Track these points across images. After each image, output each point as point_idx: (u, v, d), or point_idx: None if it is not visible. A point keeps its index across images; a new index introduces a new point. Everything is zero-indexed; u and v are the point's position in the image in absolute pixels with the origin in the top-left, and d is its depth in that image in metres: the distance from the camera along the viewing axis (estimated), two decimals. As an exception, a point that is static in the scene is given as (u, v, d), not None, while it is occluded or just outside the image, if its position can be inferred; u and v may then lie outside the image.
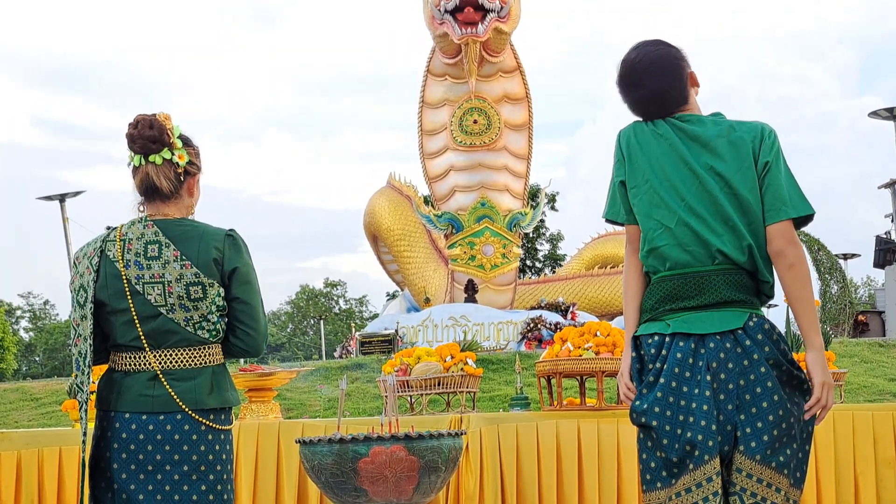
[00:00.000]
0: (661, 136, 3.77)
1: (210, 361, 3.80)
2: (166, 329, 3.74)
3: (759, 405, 3.56)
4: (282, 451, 6.54)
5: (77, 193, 33.10)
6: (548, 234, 53.18)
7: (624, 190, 3.82)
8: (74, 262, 3.90)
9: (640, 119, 3.88)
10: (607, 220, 3.98)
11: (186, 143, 3.89)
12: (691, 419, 3.57)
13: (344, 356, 23.78)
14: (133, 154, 3.82)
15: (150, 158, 3.79)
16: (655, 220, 3.71)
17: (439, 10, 23.55)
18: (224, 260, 3.78)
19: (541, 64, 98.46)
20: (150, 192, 3.84)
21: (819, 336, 3.68)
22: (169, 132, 3.80)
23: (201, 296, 3.73)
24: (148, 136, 3.78)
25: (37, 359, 65.75)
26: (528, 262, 49.88)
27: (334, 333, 62.30)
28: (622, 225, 3.90)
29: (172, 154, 3.81)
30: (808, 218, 3.71)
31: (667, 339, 3.67)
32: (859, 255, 40.50)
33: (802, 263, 3.68)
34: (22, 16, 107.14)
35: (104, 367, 3.93)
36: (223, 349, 3.88)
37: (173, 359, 3.75)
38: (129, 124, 3.82)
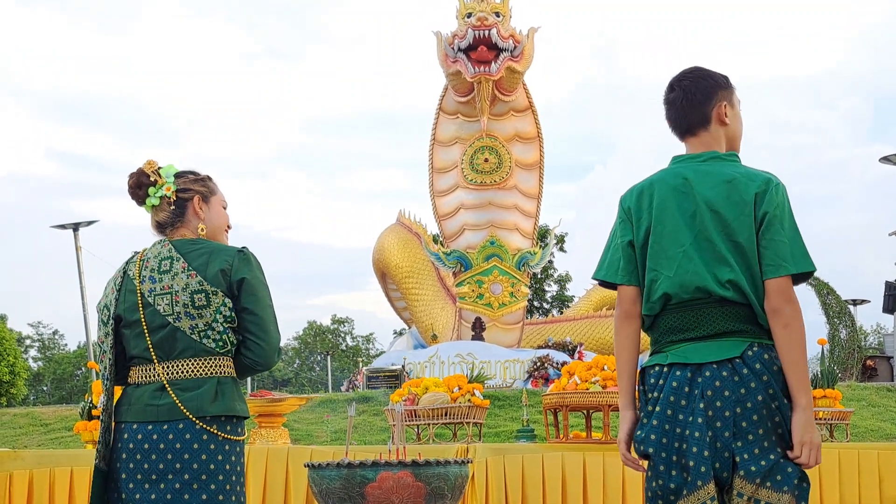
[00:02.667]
0: (666, 181, 3.82)
1: (216, 372, 3.89)
2: (174, 338, 3.87)
3: (755, 432, 3.60)
4: (290, 475, 6.58)
5: (91, 223, 33.16)
6: (556, 276, 53.18)
7: (631, 251, 3.84)
8: (105, 287, 4.13)
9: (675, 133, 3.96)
10: (602, 282, 3.95)
11: (180, 175, 4.11)
12: (684, 446, 3.63)
13: (351, 390, 23.79)
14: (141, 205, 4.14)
15: (148, 203, 4.07)
16: (655, 271, 3.77)
17: (453, 48, 23.69)
18: (232, 271, 3.90)
19: (552, 107, 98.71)
20: (159, 227, 4.10)
21: (805, 395, 3.64)
22: (148, 174, 4.07)
23: (205, 303, 3.85)
24: (132, 186, 4.10)
25: (45, 388, 65.67)
26: (535, 303, 49.83)
27: (341, 370, 62.18)
28: (616, 286, 3.88)
29: (160, 189, 4.06)
30: (808, 274, 3.72)
31: (665, 369, 3.73)
32: (869, 302, 40.40)
33: (798, 323, 3.66)
34: (38, 51, 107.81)
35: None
36: (236, 364, 3.96)
37: (180, 369, 3.87)
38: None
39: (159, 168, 4.07)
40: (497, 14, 23.84)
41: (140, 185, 4.06)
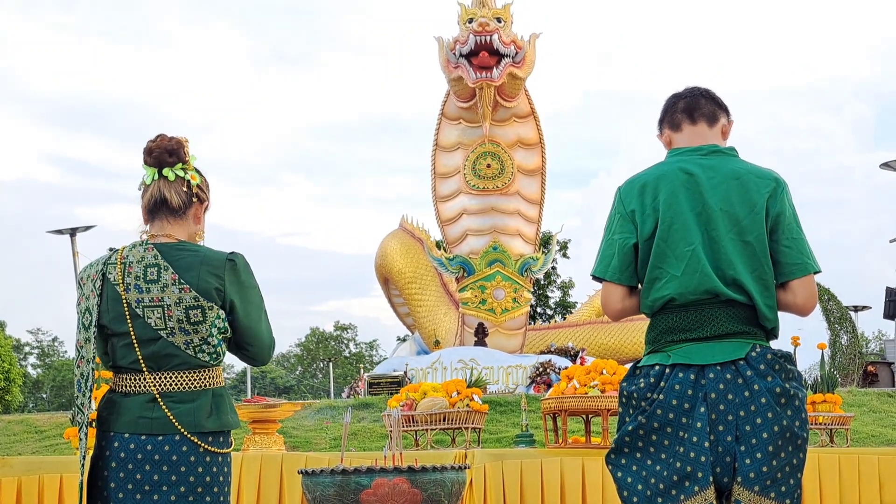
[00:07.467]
0: (672, 177, 3.76)
1: (210, 384, 3.80)
2: (166, 352, 3.74)
3: (759, 436, 3.54)
4: (284, 482, 6.52)
5: (88, 228, 33.05)
6: (559, 282, 53.08)
7: (629, 250, 3.78)
8: (79, 283, 3.92)
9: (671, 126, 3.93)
10: (599, 279, 3.89)
11: (199, 172, 3.95)
12: (681, 450, 3.57)
13: (352, 397, 23.72)
14: (147, 168, 3.86)
15: (164, 172, 3.83)
16: (660, 269, 3.71)
17: (454, 53, 23.67)
18: (226, 285, 3.78)
19: (557, 113, 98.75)
20: (158, 206, 3.86)
21: None
22: (185, 151, 3.86)
23: (201, 319, 3.74)
24: (166, 147, 3.83)
25: (44, 395, 65.55)
26: (538, 309, 49.77)
27: (344, 377, 62.07)
28: (614, 284, 3.83)
29: (186, 172, 3.86)
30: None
31: (667, 369, 3.66)
32: (870, 308, 40.26)
33: None
34: (40, 55, 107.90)
35: (104, 389, 3.93)
36: (233, 354, 3.92)
37: (172, 381, 3.75)
38: (149, 140, 3.87)
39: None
40: (498, 19, 23.85)
41: (172, 153, 3.84)
